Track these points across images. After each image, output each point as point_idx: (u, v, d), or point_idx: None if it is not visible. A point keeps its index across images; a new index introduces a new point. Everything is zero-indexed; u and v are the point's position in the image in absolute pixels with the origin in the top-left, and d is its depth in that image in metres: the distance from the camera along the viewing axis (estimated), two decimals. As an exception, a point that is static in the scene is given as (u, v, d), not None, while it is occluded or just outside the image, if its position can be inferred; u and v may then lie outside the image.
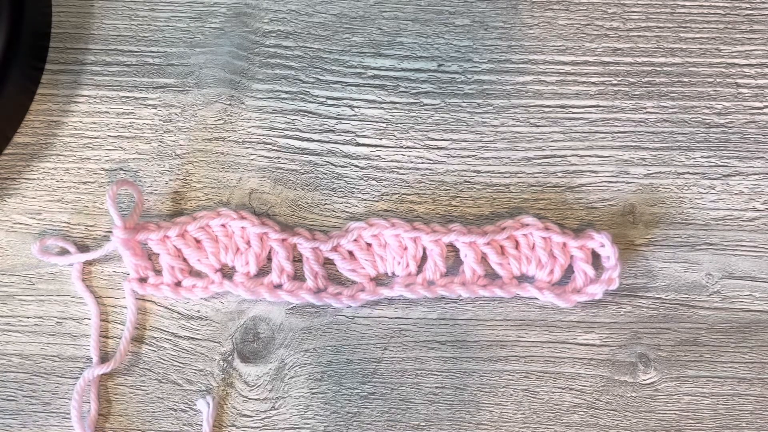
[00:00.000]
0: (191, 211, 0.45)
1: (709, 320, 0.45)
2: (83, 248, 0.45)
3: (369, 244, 0.44)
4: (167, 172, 0.46)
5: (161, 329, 0.44)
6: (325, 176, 0.46)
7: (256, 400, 0.44)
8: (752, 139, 0.46)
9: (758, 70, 0.47)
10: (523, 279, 0.45)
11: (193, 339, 0.44)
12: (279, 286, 0.44)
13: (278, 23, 0.47)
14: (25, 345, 0.44)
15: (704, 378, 0.44)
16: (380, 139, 0.46)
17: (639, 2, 0.47)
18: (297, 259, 0.45)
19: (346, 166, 0.46)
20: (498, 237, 0.44)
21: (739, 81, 0.47)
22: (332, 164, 0.46)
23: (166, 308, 0.45)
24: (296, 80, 0.46)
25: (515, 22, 0.47)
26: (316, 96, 0.46)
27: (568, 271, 0.45)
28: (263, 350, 0.44)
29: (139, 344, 0.44)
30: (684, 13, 0.47)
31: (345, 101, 0.46)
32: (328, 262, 0.45)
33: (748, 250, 0.45)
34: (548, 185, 0.46)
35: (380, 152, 0.46)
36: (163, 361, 0.44)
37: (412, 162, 0.46)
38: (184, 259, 0.44)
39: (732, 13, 0.47)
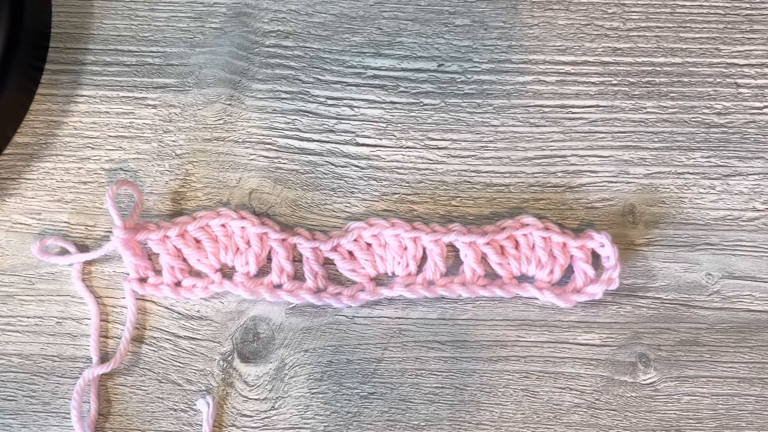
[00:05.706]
0: (191, 211, 0.45)
1: (709, 320, 0.45)
2: (83, 248, 0.45)
3: (369, 244, 0.44)
4: (167, 172, 0.46)
5: (161, 329, 0.44)
6: (325, 176, 0.46)
7: (256, 400, 0.44)
8: (752, 139, 0.46)
9: (758, 70, 0.47)
10: (523, 279, 0.45)
11: (193, 339, 0.44)
12: (279, 286, 0.44)
13: (278, 23, 0.47)
14: (25, 345, 0.44)
15: (704, 378, 0.44)
16: (380, 139, 0.46)
17: (639, 2, 0.47)
18: (297, 259, 0.45)
19: (346, 166, 0.46)
20: (498, 237, 0.44)
21: (739, 81, 0.47)
22: (332, 164, 0.46)
23: (166, 308, 0.45)
24: (296, 80, 0.46)
25: (515, 22, 0.47)
26: (316, 96, 0.46)
27: (568, 271, 0.45)
28: (263, 350, 0.44)
29: (139, 344, 0.44)
30: (684, 13, 0.47)
31: (345, 101, 0.46)
32: (328, 262, 0.45)
33: (748, 250, 0.45)
34: (548, 185, 0.46)
35: (380, 152, 0.46)
36: (163, 361, 0.44)
37: (412, 162, 0.46)
38: (184, 259, 0.44)
39: (732, 13, 0.47)
